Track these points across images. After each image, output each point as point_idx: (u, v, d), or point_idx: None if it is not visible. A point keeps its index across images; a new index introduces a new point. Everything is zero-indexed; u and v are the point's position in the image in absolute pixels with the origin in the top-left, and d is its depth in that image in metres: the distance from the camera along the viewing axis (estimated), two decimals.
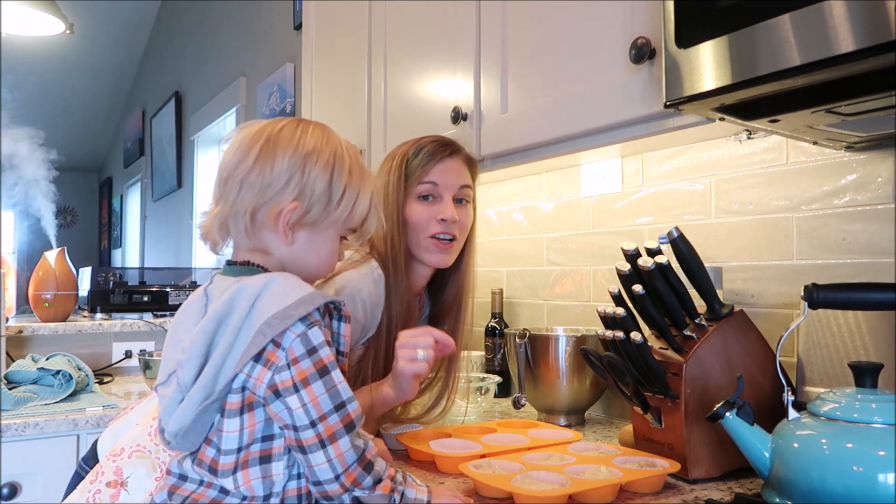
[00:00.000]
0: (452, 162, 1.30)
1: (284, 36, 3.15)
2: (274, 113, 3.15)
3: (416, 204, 1.28)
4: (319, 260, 0.92)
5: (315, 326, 0.81)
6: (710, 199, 1.38)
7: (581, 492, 0.94)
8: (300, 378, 0.79)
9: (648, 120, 1.13)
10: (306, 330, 0.80)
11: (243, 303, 0.81)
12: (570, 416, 1.48)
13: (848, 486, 0.80)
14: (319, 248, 0.91)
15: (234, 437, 0.81)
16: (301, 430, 0.79)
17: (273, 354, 0.79)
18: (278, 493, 0.83)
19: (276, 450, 0.83)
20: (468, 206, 1.33)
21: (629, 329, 1.07)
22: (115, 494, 1.07)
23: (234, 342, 0.80)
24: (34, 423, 1.65)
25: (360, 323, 1.22)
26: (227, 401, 0.81)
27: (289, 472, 0.84)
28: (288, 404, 0.79)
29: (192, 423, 0.81)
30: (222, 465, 0.82)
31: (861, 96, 0.86)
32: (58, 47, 5.25)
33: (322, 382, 0.80)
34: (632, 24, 1.13)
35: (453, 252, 1.30)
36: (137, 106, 6.46)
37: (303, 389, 0.79)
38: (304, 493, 0.85)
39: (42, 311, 2.34)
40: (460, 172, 1.31)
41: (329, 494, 0.81)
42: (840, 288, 0.90)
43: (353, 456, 0.81)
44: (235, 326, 0.81)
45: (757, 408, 0.95)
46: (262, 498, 0.82)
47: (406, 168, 1.28)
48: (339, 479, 0.80)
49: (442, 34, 1.60)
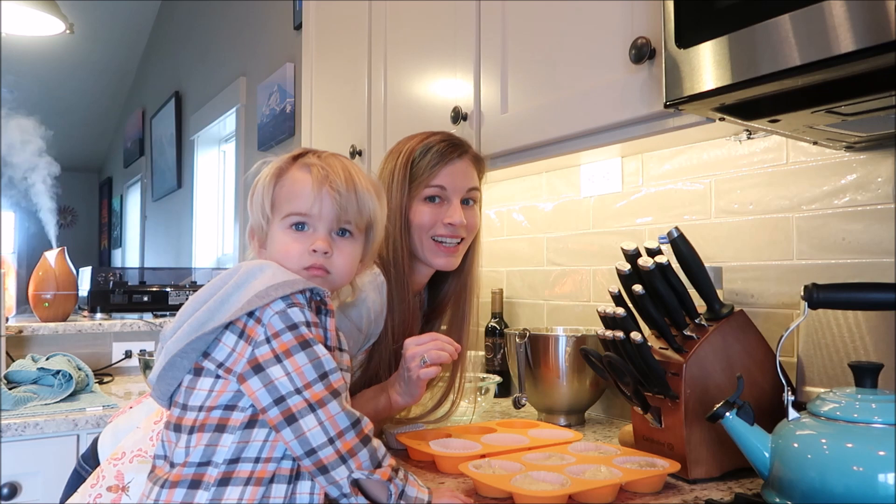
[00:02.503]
0: (461, 164, 1.27)
1: (284, 36, 3.15)
2: (274, 113, 3.15)
3: (421, 205, 1.25)
4: (279, 258, 0.94)
5: (296, 307, 0.84)
6: (710, 199, 1.38)
7: (581, 492, 0.94)
8: (282, 350, 0.81)
9: (648, 120, 1.13)
10: (286, 308, 0.83)
11: (237, 278, 0.86)
12: (570, 416, 1.48)
13: (848, 486, 0.80)
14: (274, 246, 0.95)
15: (201, 395, 0.84)
16: (288, 398, 0.79)
17: (252, 330, 0.83)
18: (217, 465, 0.82)
19: (234, 422, 0.83)
20: (475, 207, 1.30)
21: (629, 329, 1.07)
22: (117, 499, 1.07)
23: (219, 308, 0.84)
24: (34, 423, 1.65)
25: (364, 332, 1.20)
26: (204, 365, 0.85)
27: (238, 449, 0.83)
28: (271, 376, 0.80)
29: (164, 370, 0.86)
30: (184, 420, 0.85)
31: (861, 96, 0.86)
32: (58, 47, 5.25)
33: (304, 354, 0.81)
34: (632, 24, 1.13)
35: (459, 254, 1.28)
36: (137, 106, 6.46)
37: (286, 360, 0.81)
38: (258, 478, 0.82)
39: (42, 311, 2.34)
40: (468, 174, 1.28)
41: (326, 463, 0.79)
42: (840, 288, 0.90)
43: (346, 420, 0.80)
44: (222, 296, 0.85)
45: (757, 408, 0.94)
46: (197, 464, 0.82)
47: (412, 168, 1.24)
48: (333, 444, 0.79)
49: (442, 34, 1.60)
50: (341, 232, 0.95)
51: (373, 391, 1.21)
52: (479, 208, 1.32)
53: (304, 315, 0.84)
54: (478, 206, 1.32)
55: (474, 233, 1.31)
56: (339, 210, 0.93)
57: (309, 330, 0.84)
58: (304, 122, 2.27)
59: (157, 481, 0.86)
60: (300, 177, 0.94)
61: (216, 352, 0.85)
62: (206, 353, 0.86)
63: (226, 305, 0.85)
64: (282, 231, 0.93)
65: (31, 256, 3.14)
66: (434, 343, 1.11)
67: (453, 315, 1.35)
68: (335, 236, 0.94)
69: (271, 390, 0.80)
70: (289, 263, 0.92)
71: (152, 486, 0.86)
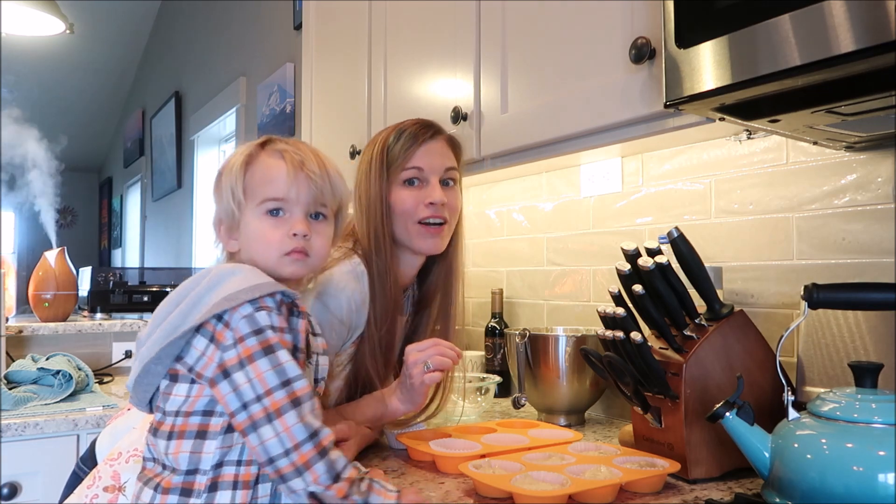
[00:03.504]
0: (436, 144, 1.26)
1: (284, 36, 3.15)
2: (274, 113, 3.15)
3: (401, 190, 1.23)
4: (257, 246, 0.94)
5: (263, 310, 0.83)
6: (710, 199, 1.38)
7: (581, 492, 0.94)
8: (246, 355, 0.81)
9: (648, 120, 1.13)
10: (254, 312, 0.83)
11: (208, 280, 0.86)
12: (570, 416, 1.48)
13: (848, 486, 0.80)
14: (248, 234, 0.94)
15: (178, 401, 0.85)
16: (249, 406, 0.80)
17: (221, 334, 0.83)
18: (205, 472, 0.83)
19: (213, 427, 0.84)
20: (455, 187, 1.28)
21: (629, 329, 1.07)
22: (113, 499, 1.07)
23: (189, 311, 0.85)
24: (34, 423, 1.65)
25: (346, 324, 1.18)
26: (178, 369, 0.86)
27: (222, 454, 0.83)
28: (236, 381, 0.81)
29: (140, 377, 0.87)
30: (163, 426, 0.86)
31: (861, 96, 0.86)
32: (58, 47, 5.25)
33: (267, 360, 0.81)
34: (632, 25, 1.13)
35: (444, 236, 1.26)
36: (137, 106, 6.46)
37: (248, 365, 0.81)
38: (243, 481, 0.83)
39: (42, 311, 2.34)
40: (444, 154, 1.26)
41: (282, 473, 0.79)
42: (840, 288, 0.90)
43: (303, 432, 0.79)
44: (193, 299, 0.86)
45: (757, 408, 0.94)
46: (185, 472, 0.83)
47: (388, 155, 1.24)
48: (288, 456, 0.78)
49: (442, 34, 1.60)
50: (316, 215, 0.95)
51: (372, 398, 1.19)
52: (459, 190, 1.30)
53: (272, 319, 0.84)
54: (458, 187, 1.30)
55: (457, 214, 1.28)
56: (316, 193, 0.94)
57: (275, 334, 0.83)
58: (304, 122, 2.27)
59: (148, 483, 0.86)
60: (273, 163, 0.94)
61: (188, 356, 0.85)
62: (179, 357, 0.86)
63: (196, 308, 0.85)
64: (257, 218, 0.93)
65: (31, 256, 3.13)
66: (435, 349, 1.11)
67: (441, 302, 1.33)
68: (311, 219, 0.94)
69: (238, 396, 0.81)
70: (269, 250, 0.92)
71: (142, 487, 0.87)
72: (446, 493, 1.02)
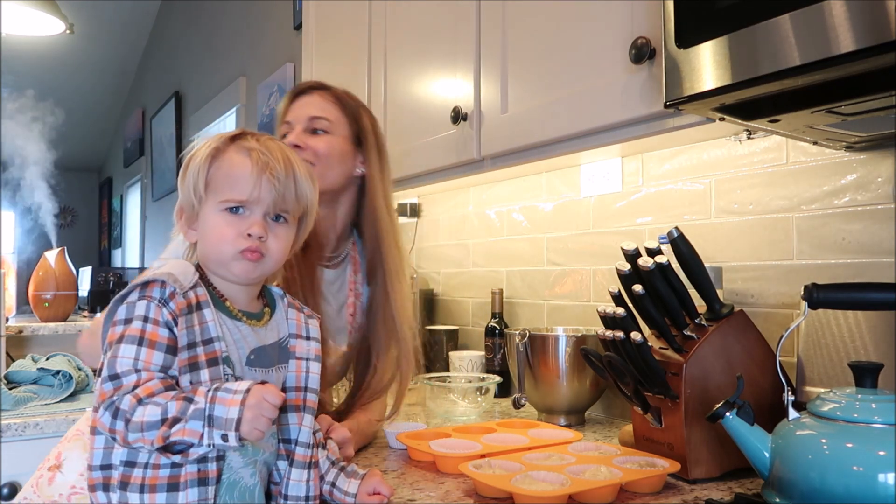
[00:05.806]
0: (308, 97, 1.31)
1: (284, 36, 3.15)
2: (274, 113, 3.15)
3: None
4: (211, 241, 0.92)
5: (145, 300, 0.83)
6: (710, 199, 1.38)
7: (581, 492, 0.94)
8: (109, 340, 0.83)
9: (648, 120, 1.13)
10: (136, 300, 0.84)
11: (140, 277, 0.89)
12: (570, 416, 1.48)
13: (848, 486, 0.80)
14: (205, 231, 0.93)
15: (95, 395, 0.86)
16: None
17: (116, 315, 0.85)
18: (116, 467, 0.83)
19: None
20: (324, 135, 1.27)
21: (629, 329, 1.07)
22: (52, 478, 1.10)
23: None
24: (34, 423, 1.65)
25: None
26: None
27: (128, 453, 0.83)
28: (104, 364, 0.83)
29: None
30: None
31: (861, 96, 0.86)
32: (58, 47, 5.24)
33: (115, 349, 0.81)
34: (632, 25, 1.13)
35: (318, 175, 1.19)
36: (137, 106, 6.45)
37: (108, 350, 0.82)
38: (150, 485, 0.81)
39: (42, 311, 2.35)
40: (314, 104, 1.30)
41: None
42: (840, 288, 0.90)
43: (107, 421, 0.78)
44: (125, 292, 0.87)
45: (757, 408, 0.94)
46: (100, 467, 0.83)
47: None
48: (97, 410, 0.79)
49: (442, 34, 1.60)
50: (276, 217, 0.92)
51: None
52: (335, 140, 1.28)
53: (148, 310, 0.83)
54: (331, 136, 1.28)
55: (325, 158, 1.25)
56: (278, 197, 0.91)
57: (142, 325, 0.82)
58: None
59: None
60: (239, 160, 0.91)
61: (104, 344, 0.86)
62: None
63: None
64: (215, 213, 0.91)
65: (31, 256, 3.13)
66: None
67: (379, 270, 1.30)
68: (270, 221, 0.92)
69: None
70: (223, 247, 0.90)
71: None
72: (446, 493, 1.02)
